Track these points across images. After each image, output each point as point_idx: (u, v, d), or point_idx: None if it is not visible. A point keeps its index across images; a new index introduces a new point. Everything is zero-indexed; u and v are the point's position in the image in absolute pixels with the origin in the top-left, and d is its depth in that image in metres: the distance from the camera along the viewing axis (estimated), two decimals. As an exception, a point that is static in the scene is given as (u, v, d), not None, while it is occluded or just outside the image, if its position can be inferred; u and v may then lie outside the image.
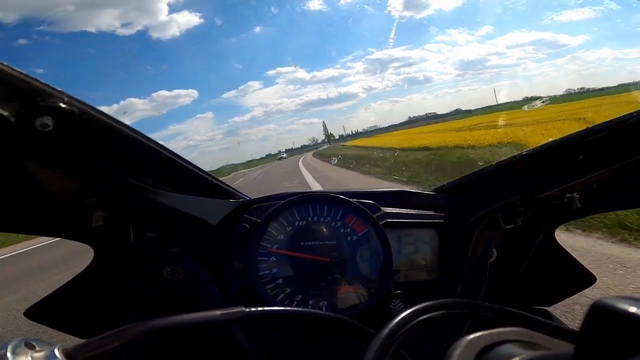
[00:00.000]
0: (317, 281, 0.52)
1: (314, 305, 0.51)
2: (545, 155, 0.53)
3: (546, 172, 0.54)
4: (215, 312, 0.31)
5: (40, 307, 0.48)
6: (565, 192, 0.54)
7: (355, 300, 0.53)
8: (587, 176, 0.52)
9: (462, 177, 0.64)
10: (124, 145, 0.43)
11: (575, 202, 0.54)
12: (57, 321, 0.50)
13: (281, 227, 0.54)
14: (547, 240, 0.62)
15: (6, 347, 0.23)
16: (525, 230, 0.60)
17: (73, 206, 0.45)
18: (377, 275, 0.54)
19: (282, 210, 0.54)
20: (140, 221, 0.48)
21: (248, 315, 0.33)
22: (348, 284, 0.53)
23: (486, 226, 0.58)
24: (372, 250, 0.55)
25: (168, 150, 0.46)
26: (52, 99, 0.33)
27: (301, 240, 0.54)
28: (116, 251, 0.50)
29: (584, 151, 0.50)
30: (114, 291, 0.52)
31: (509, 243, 0.61)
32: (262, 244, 0.52)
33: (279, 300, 0.51)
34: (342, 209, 0.56)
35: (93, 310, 0.51)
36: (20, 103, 0.32)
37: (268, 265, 0.52)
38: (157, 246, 0.49)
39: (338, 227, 0.56)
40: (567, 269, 0.64)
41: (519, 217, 0.58)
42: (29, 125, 0.33)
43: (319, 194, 0.57)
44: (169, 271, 0.51)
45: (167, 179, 0.49)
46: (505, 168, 0.57)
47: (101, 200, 0.45)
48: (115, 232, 0.48)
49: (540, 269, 0.63)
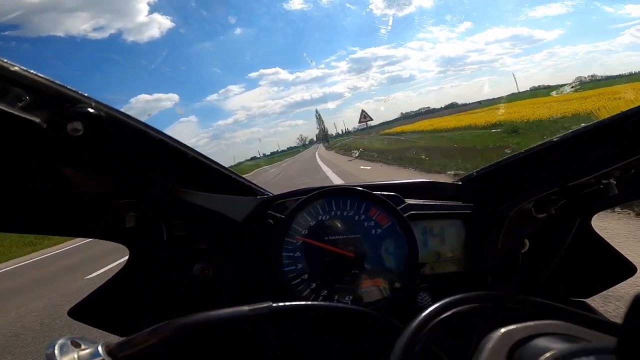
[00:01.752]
0: (342, 275, 0.52)
1: (339, 299, 0.51)
2: (578, 141, 0.50)
3: (580, 159, 0.51)
4: (244, 307, 0.32)
5: (82, 306, 0.51)
6: (602, 179, 0.51)
7: (381, 294, 0.52)
8: (624, 161, 0.48)
9: (489, 165, 0.61)
10: (150, 147, 0.44)
11: (613, 188, 0.50)
12: (98, 320, 0.52)
13: (304, 222, 0.54)
14: (583, 229, 0.58)
15: (53, 346, 0.25)
16: (559, 220, 0.57)
17: (107, 208, 0.47)
18: (403, 269, 0.53)
19: (304, 205, 0.54)
20: (170, 220, 0.50)
21: (276, 310, 0.34)
22: (373, 278, 0.53)
23: (517, 216, 0.56)
24: (397, 243, 0.54)
25: (193, 150, 0.47)
26: (81, 104, 0.35)
27: (325, 235, 0.54)
28: (149, 250, 0.52)
29: (619, 135, 0.47)
30: (149, 289, 0.54)
31: (542, 233, 0.58)
32: (287, 239, 0.53)
33: (305, 295, 0.51)
34: (365, 202, 0.55)
35: (130, 309, 0.53)
36: (50, 110, 0.34)
37: (293, 260, 0.53)
38: (187, 244, 0.51)
39: (362, 221, 0.55)
40: (605, 259, 0.60)
41: (552, 206, 0.55)
42: (61, 130, 0.34)
43: (341, 187, 0.56)
44: (199, 268, 0.52)
45: (193, 179, 0.50)
46: (536, 155, 0.54)
47: (133, 202, 0.47)
48: (148, 232, 0.50)
49: (576, 259, 0.59)
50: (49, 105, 0.34)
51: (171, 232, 0.50)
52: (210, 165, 0.51)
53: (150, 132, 0.42)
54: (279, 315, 0.34)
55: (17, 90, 0.31)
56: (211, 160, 0.51)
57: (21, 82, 0.31)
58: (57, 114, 0.34)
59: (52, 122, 0.34)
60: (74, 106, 0.34)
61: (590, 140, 0.49)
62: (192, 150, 0.48)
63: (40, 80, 0.32)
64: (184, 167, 0.49)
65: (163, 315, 0.31)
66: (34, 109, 0.33)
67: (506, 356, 0.22)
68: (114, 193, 0.46)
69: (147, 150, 0.44)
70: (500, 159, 0.59)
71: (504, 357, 0.22)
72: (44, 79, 0.33)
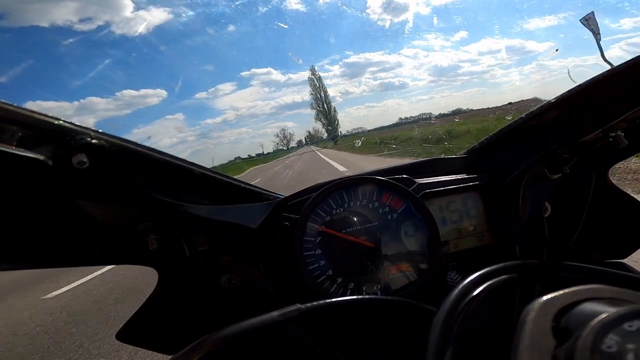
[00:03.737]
0: (366, 266, 0.52)
1: (368, 290, 0.51)
2: (576, 100, 0.48)
3: (581, 116, 0.50)
4: (273, 313, 0.32)
5: (127, 329, 0.52)
6: (609, 132, 0.50)
7: (409, 279, 0.52)
8: (628, 112, 0.47)
9: (493, 134, 0.60)
10: (157, 169, 0.44)
11: (622, 140, 0.50)
12: (144, 341, 0.53)
13: (320, 218, 0.54)
14: (603, 185, 0.57)
15: None
16: (576, 179, 0.55)
17: (129, 233, 0.47)
18: (426, 249, 0.52)
19: (317, 202, 0.54)
20: (191, 237, 0.50)
21: (305, 311, 0.33)
22: (398, 264, 0.52)
23: (532, 179, 0.55)
24: (415, 225, 0.53)
25: (199, 166, 0.48)
26: (80, 136, 0.35)
27: (342, 228, 0.53)
28: (176, 269, 0.52)
29: (620, 88, 0.45)
30: (183, 306, 0.55)
31: (562, 195, 0.57)
32: (305, 238, 0.53)
33: (333, 292, 0.51)
34: (376, 189, 0.55)
35: (169, 327, 0.54)
36: (52, 145, 0.34)
37: (315, 258, 0.52)
38: (210, 258, 0.51)
39: (376, 208, 0.55)
40: (634, 214, 0.58)
41: (565, 165, 0.53)
42: (67, 165, 0.34)
43: (349, 178, 0.56)
44: (225, 280, 0.53)
45: (204, 194, 0.51)
46: (538, 118, 0.53)
47: (153, 224, 0.47)
48: (172, 252, 0.50)
49: (604, 218, 0.58)
50: (50, 141, 0.34)
51: (193, 249, 0.50)
52: (219, 178, 0.51)
53: (154, 155, 0.42)
54: (309, 316, 0.34)
55: (13, 129, 0.32)
56: (218, 173, 0.51)
57: (18, 121, 0.32)
58: (60, 149, 0.34)
59: (57, 158, 0.34)
60: (74, 138, 0.35)
61: (589, 96, 0.48)
62: (198, 166, 0.48)
63: (35, 117, 0.32)
64: (193, 184, 0.49)
65: (199, 330, 0.31)
66: (36, 146, 0.33)
67: (551, 326, 0.21)
68: (131, 219, 0.46)
69: (154, 173, 0.44)
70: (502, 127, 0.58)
71: (549, 326, 0.21)
72: (39, 115, 0.33)
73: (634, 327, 0.19)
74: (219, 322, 0.32)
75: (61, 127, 0.34)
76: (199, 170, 0.47)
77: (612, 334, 0.19)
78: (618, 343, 0.18)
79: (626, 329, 0.19)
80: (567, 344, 0.19)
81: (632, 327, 0.19)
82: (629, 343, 0.18)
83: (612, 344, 0.18)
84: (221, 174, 0.51)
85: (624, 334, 0.18)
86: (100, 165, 0.37)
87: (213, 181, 0.50)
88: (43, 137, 0.34)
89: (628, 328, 0.19)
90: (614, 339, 0.18)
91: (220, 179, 0.51)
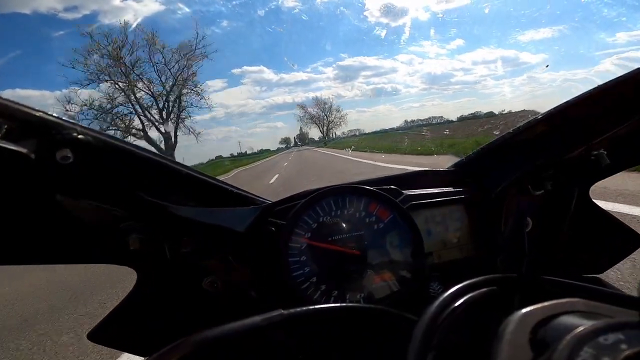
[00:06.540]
0: (350, 274, 0.52)
1: (351, 298, 0.51)
2: (562, 117, 0.50)
3: (566, 133, 0.52)
4: (256, 318, 0.31)
5: (100, 329, 0.50)
6: (592, 150, 0.52)
7: (392, 288, 0.52)
8: (610, 131, 0.49)
9: (479, 149, 0.62)
10: (143, 168, 0.43)
11: (604, 158, 0.52)
12: (117, 342, 0.52)
13: (307, 225, 0.54)
14: (584, 202, 0.59)
15: None
16: (558, 195, 0.57)
17: (110, 232, 0.46)
18: (410, 260, 0.53)
19: (304, 209, 0.54)
20: (173, 238, 0.49)
21: (288, 317, 0.33)
22: (382, 273, 0.53)
23: (515, 194, 0.56)
24: (401, 236, 0.54)
25: (186, 167, 0.47)
26: (66, 131, 0.34)
27: (329, 236, 0.53)
28: (156, 270, 0.51)
29: (603, 107, 0.47)
30: (161, 308, 0.53)
31: (544, 211, 0.58)
32: (291, 244, 0.52)
33: (316, 299, 0.51)
34: (364, 199, 0.55)
35: (146, 328, 0.53)
36: (36, 139, 0.33)
37: (300, 265, 0.52)
38: (193, 260, 0.50)
39: (363, 217, 0.55)
40: (612, 232, 0.60)
41: (548, 182, 0.55)
42: (51, 159, 0.34)
43: (338, 187, 0.56)
44: (207, 282, 0.52)
45: (190, 195, 0.50)
46: (523, 134, 0.55)
47: (135, 224, 0.46)
48: (153, 252, 0.49)
49: (583, 235, 0.60)
50: (34, 134, 0.33)
51: (175, 250, 0.49)
52: (206, 179, 0.50)
53: (140, 153, 0.42)
54: (291, 322, 0.34)
55: None
56: (206, 175, 0.50)
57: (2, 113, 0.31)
58: (45, 143, 0.33)
59: (40, 152, 0.33)
60: (60, 133, 0.34)
61: (574, 114, 0.50)
62: (186, 166, 0.47)
63: (20, 109, 0.32)
64: (180, 185, 0.48)
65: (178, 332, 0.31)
66: (20, 139, 0.32)
67: (529, 338, 0.21)
68: (115, 217, 0.45)
69: (139, 172, 0.44)
70: (489, 142, 0.60)
71: (527, 339, 0.21)
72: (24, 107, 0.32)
73: (609, 341, 0.19)
74: (199, 325, 0.31)
75: (45, 120, 0.33)
76: (186, 171, 0.47)
77: (587, 347, 0.19)
78: (593, 356, 0.18)
79: (601, 342, 0.19)
80: (543, 357, 0.20)
81: (607, 341, 0.19)
82: (604, 356, 0.18)
83: (588, 356, 0.19)
84: (208, 176, 0.51)
85: (599, 347, 0.19)
86: (84, 161, 0.36)
87: (200, 183, 0.50)
88: (26, 130, 0.33)
89: (603, 341, 0.19)
90: (589, 351, 0.19)
91: (207, 181, 0.50)
